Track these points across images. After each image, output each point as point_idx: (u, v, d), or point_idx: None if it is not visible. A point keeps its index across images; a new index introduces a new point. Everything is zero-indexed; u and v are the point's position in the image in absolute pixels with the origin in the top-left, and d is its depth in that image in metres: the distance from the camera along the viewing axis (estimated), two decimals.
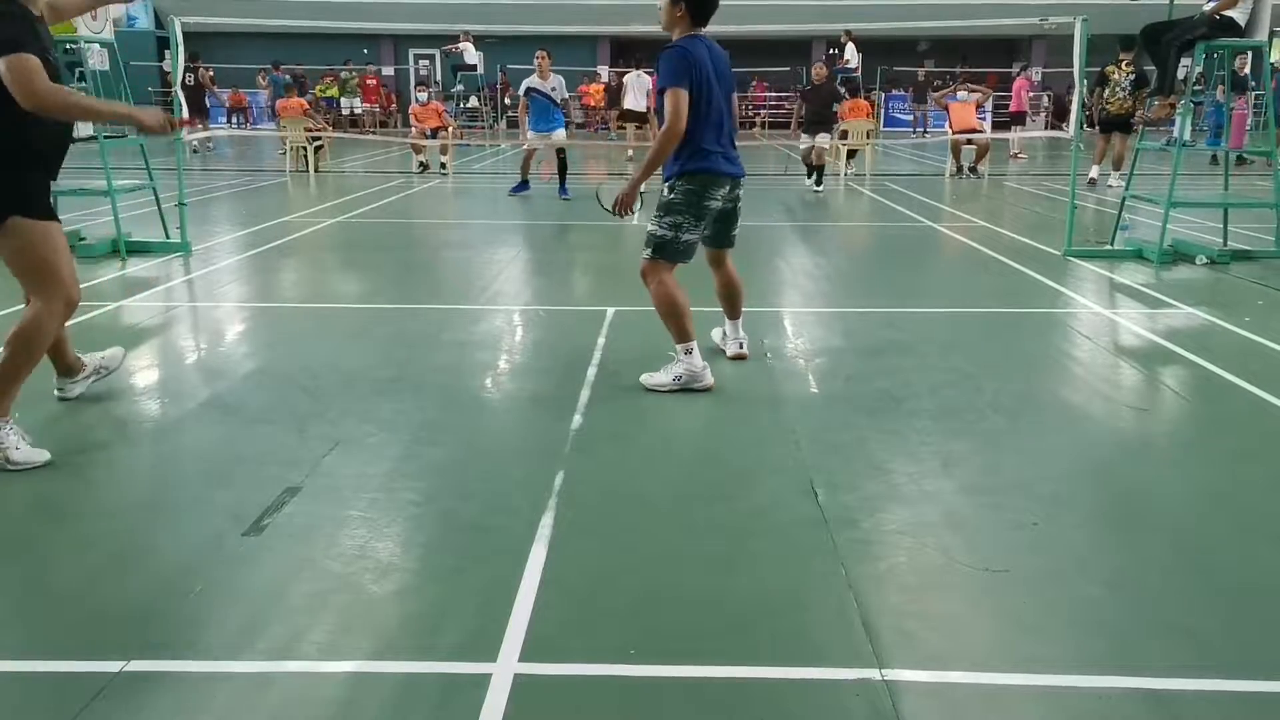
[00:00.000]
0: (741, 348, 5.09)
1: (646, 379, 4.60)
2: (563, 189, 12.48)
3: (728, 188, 4.57)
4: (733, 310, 5.11)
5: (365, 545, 3.04)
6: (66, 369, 4.36)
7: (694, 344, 4.55)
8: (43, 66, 3.47)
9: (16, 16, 3.50)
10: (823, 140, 13.71)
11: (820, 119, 13.91)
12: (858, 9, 23.82)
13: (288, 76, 22.96)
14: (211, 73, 21.47)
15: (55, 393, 4.36)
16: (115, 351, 4.58)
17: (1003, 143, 19.55)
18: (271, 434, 4.00)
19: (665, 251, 4.53)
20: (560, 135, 12.66)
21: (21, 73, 3.40)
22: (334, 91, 28.02)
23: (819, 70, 14.33)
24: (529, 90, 12.35)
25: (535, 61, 12.33)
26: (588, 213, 11.20)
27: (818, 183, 13.55)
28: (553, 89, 12.32)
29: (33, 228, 3.64)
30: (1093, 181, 13.82)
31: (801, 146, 14.00)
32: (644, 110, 16.52)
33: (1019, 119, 20.25)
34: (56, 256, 3.74)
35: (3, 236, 3.61)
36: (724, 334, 5.22)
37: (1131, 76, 13.14)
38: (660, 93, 4.41)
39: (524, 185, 12.81)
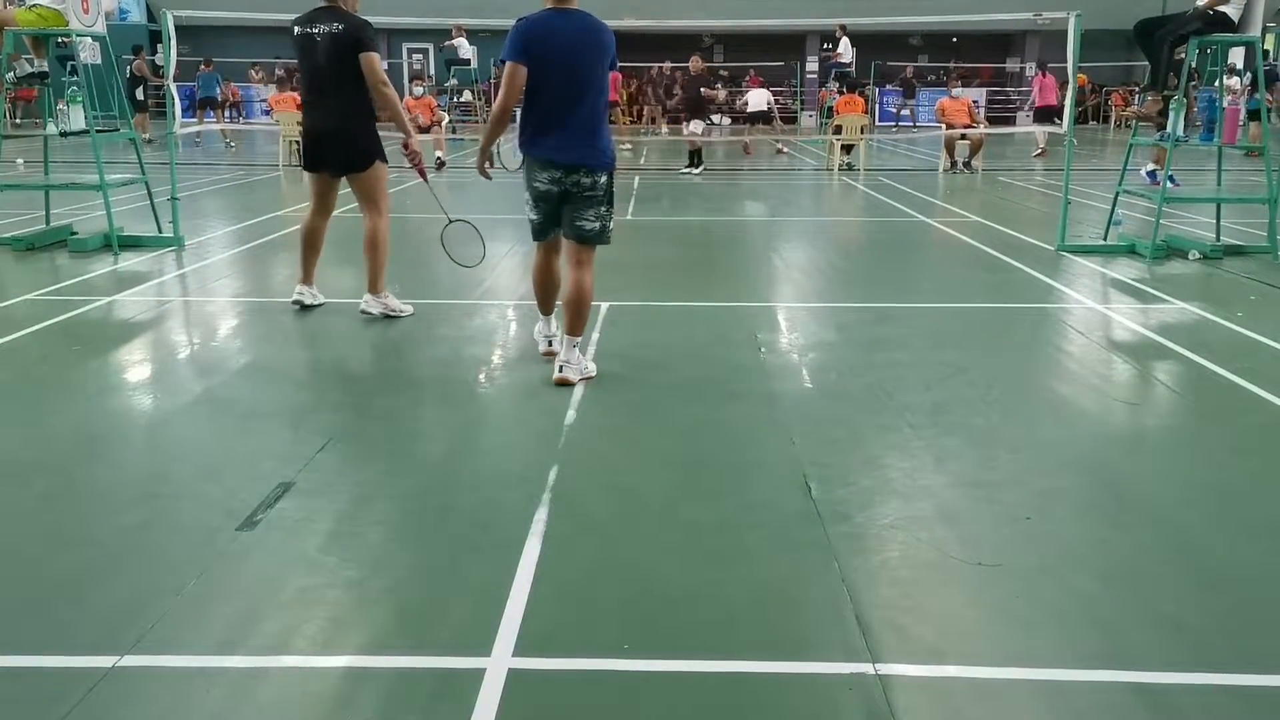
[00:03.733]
0: (561, 371, 4.47)
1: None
2: None
3: (557, 172, 4.39)
4: (569, 323, 4.52)
5: (359, 540, 3.03)
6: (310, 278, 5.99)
7: (540, 318, 4.89)
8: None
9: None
10: (695, 126, 15.48)
11: (695, 107, 15.69)
12: (852, 3, 23.78)
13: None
14: (143, 61, 21.31)
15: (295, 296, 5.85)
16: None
17: (1006, 139, 19.45)
18: (265, 429, 4.00)
19: (530, 227, 4.71)
20: None
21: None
22: None
23: (695, 63, 16.32)
24: None
25: None
26: None
27: (696, 165, 15.03)
28: None
29: (383, 167, 5.72)
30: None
31: (685, 133, 15.67)
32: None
33: (1046, 114, 19.25)
34: (387, 186, 5.84)
35: (368, 172, 5.63)
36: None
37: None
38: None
39: None
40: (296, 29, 5.60)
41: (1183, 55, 7.93)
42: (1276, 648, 2.47)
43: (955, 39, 29.56)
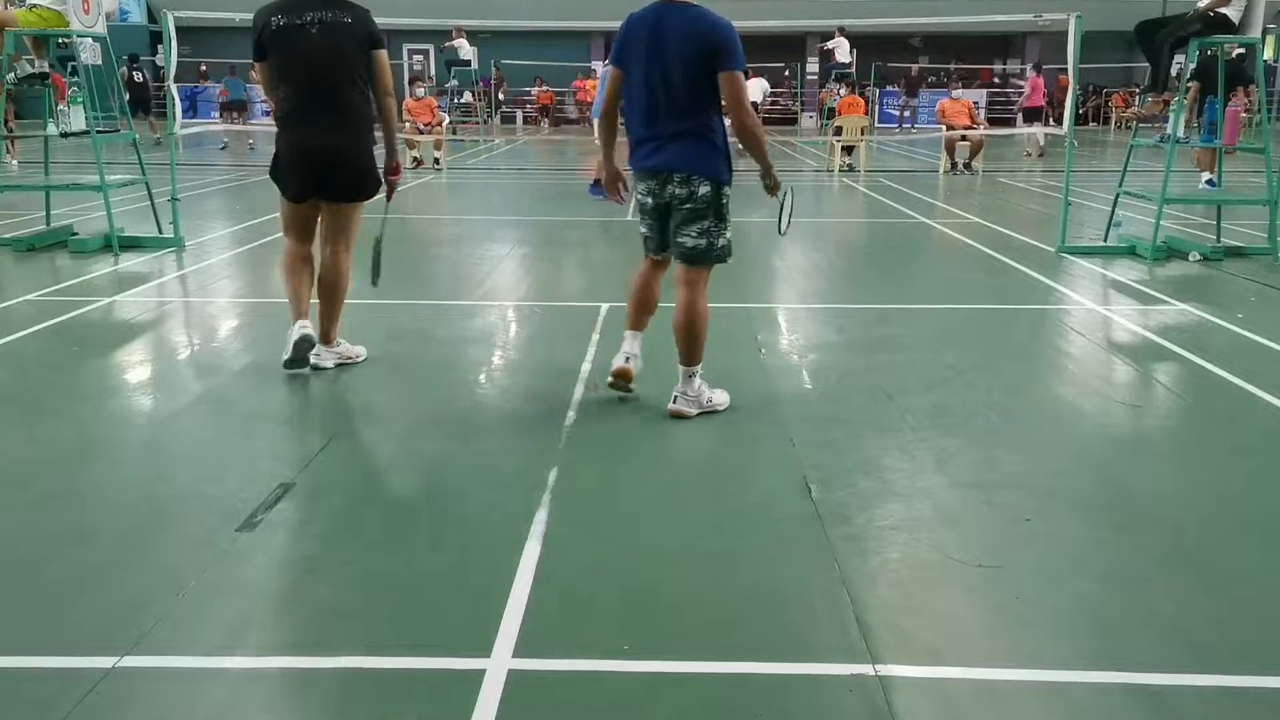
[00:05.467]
0: (675, 402, 4.09)
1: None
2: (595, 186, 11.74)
3: (652, 182, 4.00)
4: (681, 351, 4.08)
5: (358, 541, 3.03)
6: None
7: (628, 334, 4.23)
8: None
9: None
10: None
11: None
12: (852, 4, 23.81)
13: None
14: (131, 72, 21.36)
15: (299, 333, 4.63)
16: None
17: (1006, 140, 19.45)
18: (265, 430, 4.00)
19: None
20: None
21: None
22: None
23: None
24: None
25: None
26: (582, 208, 11.20)
27: None
28: None
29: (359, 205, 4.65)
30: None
31: None
32: None
33: (1034, 114, 19.18)
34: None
35: (361, 201, 4.62)
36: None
37: None
38: None
39: (597, 186, 11.77)
40: (275, 20, 4.35)
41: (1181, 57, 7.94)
42: (1276, 648, 2.47)
43: (957, 51, 29.56)
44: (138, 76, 20.62)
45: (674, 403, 4.10)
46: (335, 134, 4.44)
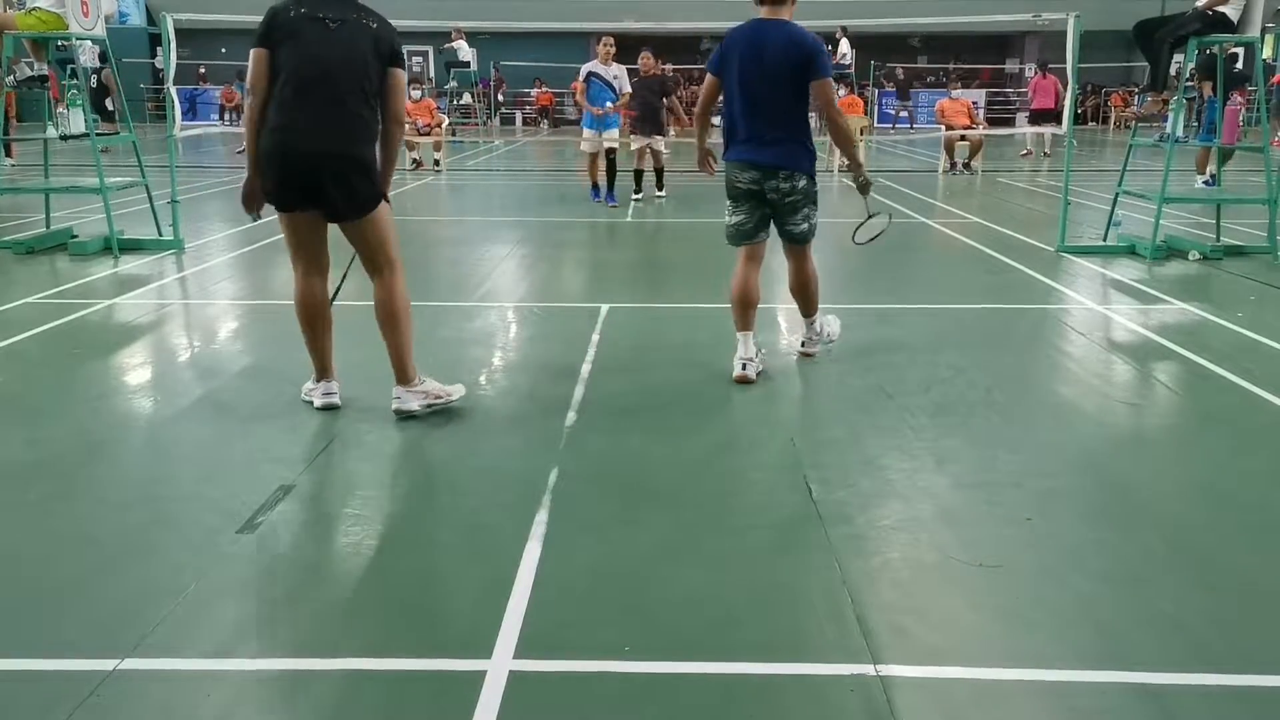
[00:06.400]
0: (803, 345, 5.10)
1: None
2: (610, 194, 11.60)
3: (756, 173, 4.58)
4: (802, 306, 5.09)
5: (359, 543, 3.03)
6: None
7: (738, 335, 4.74)
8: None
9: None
10: (657, 143, 11.96)
11: (647, 117, 11.87)
12: (852, 4, 23.82)
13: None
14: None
15: (322, 401, 4.20)
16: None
17: (1005, 140, 19.46)
18: (265, 432, 4.00)
19: (727, 234, 4.83)
20: (613, 134, 11.72)
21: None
22: None
23: (645, 61, 12.04)
24: (589, 75, 11.58)
25: (598, 49, 11.57)
26: (582, 209, 11.20)
27: (659, 186, 12.19)
28: (615, 77, 11.50)
29: (388, 206, 4.13)
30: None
31: (633, 147, 12.20)
32: None
33: (1044, 117, 18.90)
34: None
35: (376, 214, 4.03)
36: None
37: None
38: None
39: (597, 190, 11.67)
40: (294, 7, 3.93)
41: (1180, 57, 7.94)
42: (1277, 648, 2.47)
43: (957, 51, 29.60)
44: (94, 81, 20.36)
45: (802, 346, 5.07)
46: (332, 137, 3.89)
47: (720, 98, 4.68)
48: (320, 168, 3.91)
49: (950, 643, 2.49)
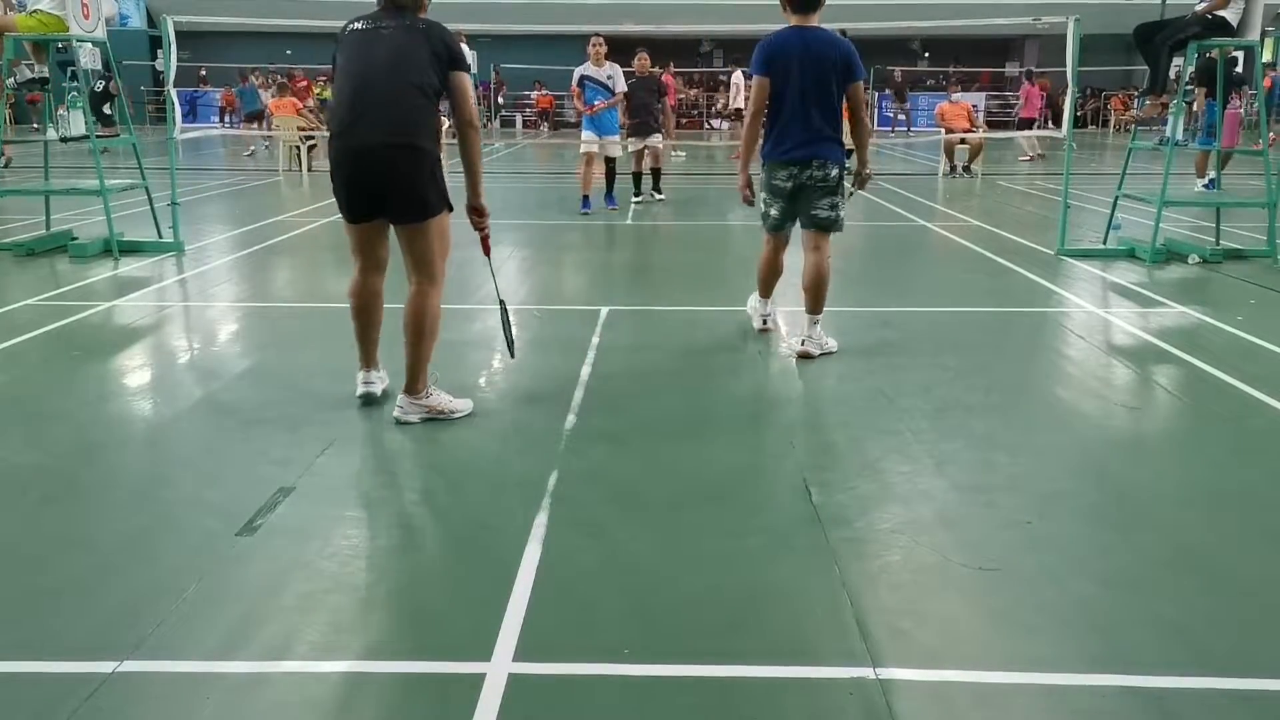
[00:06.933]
0: (803, 344, 5.10)
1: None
2: (609, 197, 11.48)
3: (794, 168, 4.96)
4: (810, 303, 5.13)
5: (359, 545, 3.03)
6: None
7: (758, 298, 5.53)
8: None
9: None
10: (654, 141, 11.88)
11: (644, 117, 11.74)
12: (851, 8, 23.82)
13: (254, 82, 22.92)
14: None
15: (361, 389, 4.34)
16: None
17: (1003, 144, 19.47)
18: (265, 434, 4.00)
19: (763, 220, 5.25)
20: (614, 141, 11.51)
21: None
22: (328, 93, 28.01)
23: (641, 61, 11.89)
24: (583, 79, 11.33)
25: (588, 50, 11.32)
26: (581, 212, 11.19)
27: (655, 188, 12.16)
28: (608, 77, 11.25)
29: (448, 218, 4.27)
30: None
31: (631, 149, 11.93)
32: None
33: (1028, 124, 19.54)
34: (449, 244, 4.34)
35: (431, 223, 4.18)
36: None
37: None
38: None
39: (587, 202, 11.27)
40: (353, 25, 4.02)
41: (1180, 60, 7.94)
42: (1277, 651, 2.47)
43: (956, 54, 29.61)
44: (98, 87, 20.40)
45: (801, 344, 5.10)
46: (385, 134, 3.88)
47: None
48: (374, 165, 3.93)
49: (950, 646, 2.49)
